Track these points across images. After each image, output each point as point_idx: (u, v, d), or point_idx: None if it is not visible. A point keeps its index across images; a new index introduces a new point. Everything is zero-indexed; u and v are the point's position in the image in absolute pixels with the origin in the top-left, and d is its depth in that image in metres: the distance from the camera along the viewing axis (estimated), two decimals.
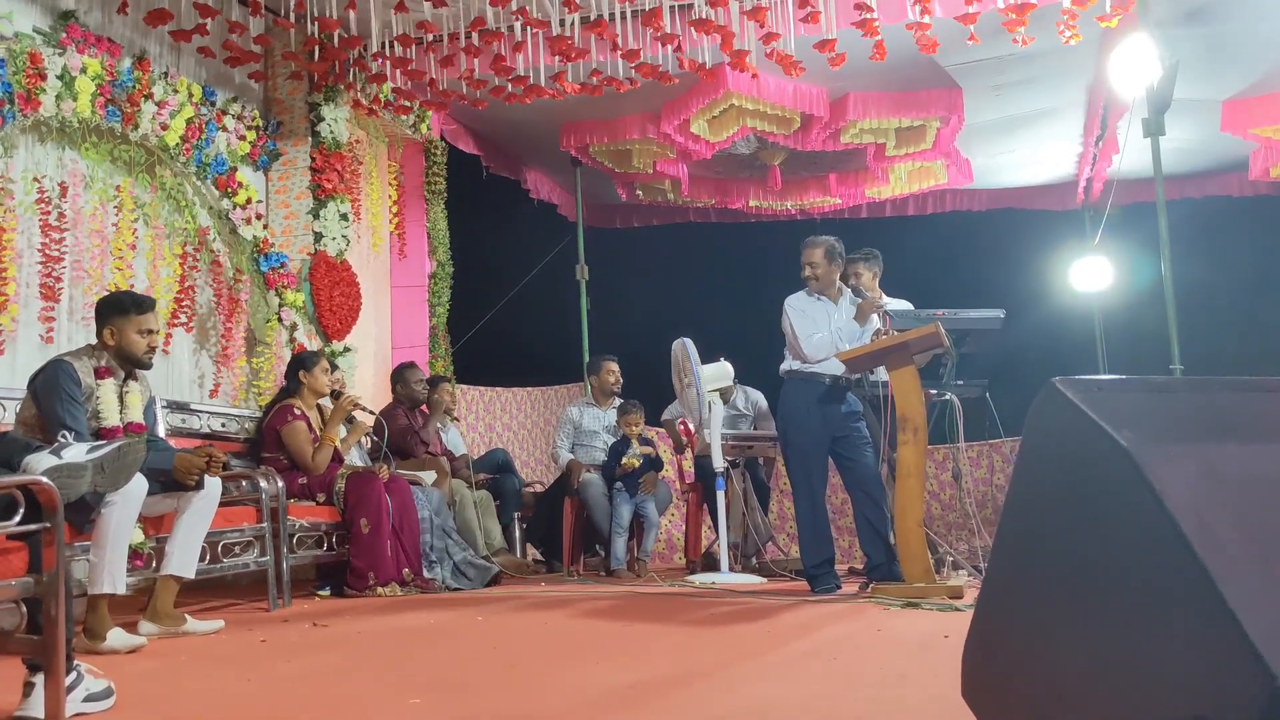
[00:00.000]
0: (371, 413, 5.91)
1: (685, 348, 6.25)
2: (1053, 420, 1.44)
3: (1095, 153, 8.84)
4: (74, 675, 2.42)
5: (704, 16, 5.89)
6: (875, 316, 5.29)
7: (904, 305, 5.89)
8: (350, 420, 5.67)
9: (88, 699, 2.46)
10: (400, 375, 6.77)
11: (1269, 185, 9.47)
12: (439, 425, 6.86)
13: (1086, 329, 10.17)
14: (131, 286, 5.53)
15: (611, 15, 6.03)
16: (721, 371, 6.27)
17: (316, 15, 5.83)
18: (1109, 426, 1.32)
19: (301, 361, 5.52)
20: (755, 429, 6.99)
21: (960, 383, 5.67)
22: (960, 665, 1.64)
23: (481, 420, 9.27)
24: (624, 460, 6.73)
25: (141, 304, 3.86)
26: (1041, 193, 10.43)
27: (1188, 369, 6.08)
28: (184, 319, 6.06)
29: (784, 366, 5.35)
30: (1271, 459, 1.32)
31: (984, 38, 6.16)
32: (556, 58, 6.23)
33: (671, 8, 6.08)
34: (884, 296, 5.72)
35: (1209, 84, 7.61)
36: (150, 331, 3.85)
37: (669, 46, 6.10)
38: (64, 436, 3.19)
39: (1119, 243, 9.35)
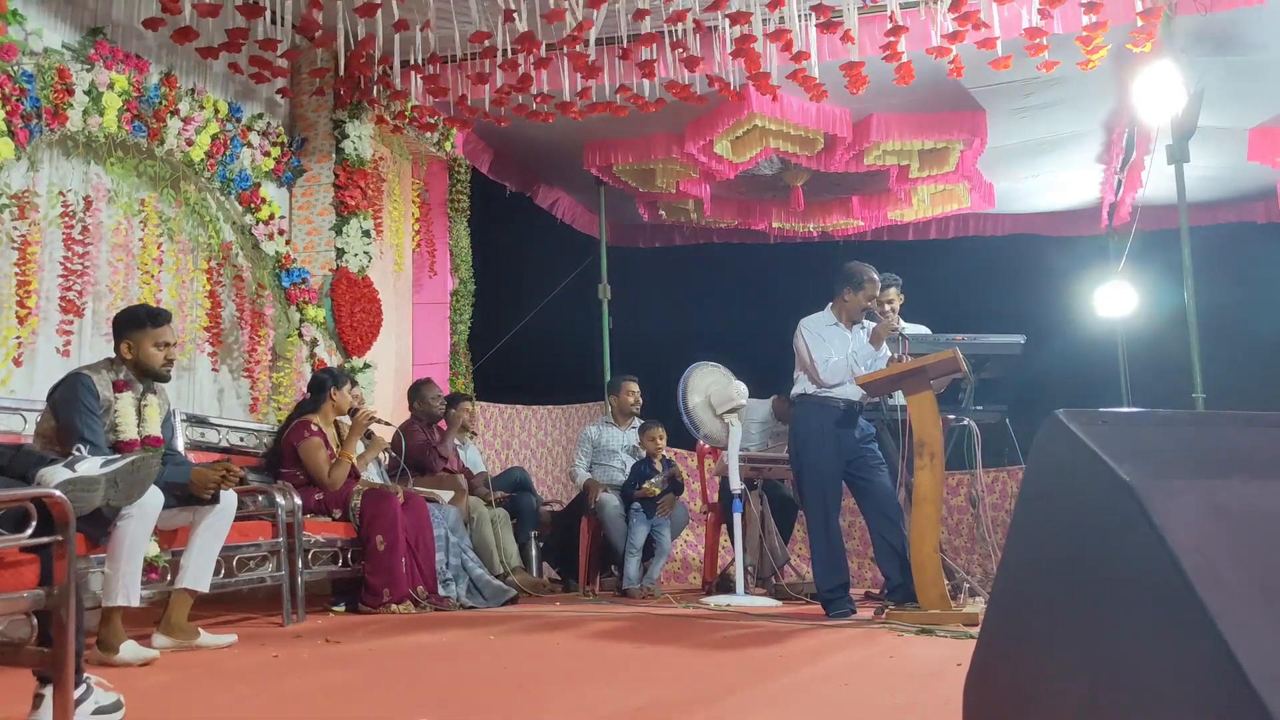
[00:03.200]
0: (389, 424, 5.92)
1: (681, 380, 6.31)
2: (1056, 452, 1.43)
3: (1120, 178, 8.80)
4: (84, 688, 2.43)
5: (733, 35, 5.90)
6: (887, 342, 5.27)
7: (921, 330, 5.87)
8: (368, 435, 5.70)
9: (97, 711, 2.47)
10: (417, 392, 6.79)
11: None
12: (457, 443, 6.87)
13: (1110, 355, 10.09)
14: (159, 302, 5.58)
15: (634, 35, 6.06)
16: (736, 391, 6.27)
17: (344, 45, 5.86)
18: (1111, 460, 1.31)
19: (334, 378, 5.54)
20: (771, 430, 7.02)
21: (979, 408, 5.64)
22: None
23: (499, 438, 9.28)
24: (645, 485, 6.72)
25: (157, 317, 3.89)
26: (1065, 218, 10.38)
27: (1210, 397, 6.03)
28: (216, 334, 6.12)
29: (796, 390, 5.33)
30: (1276, 495, 1.31)
31: (1009, 60, 6.14)
32: (578, 75, 6.25)
33: (698, 27, 6.09)
34: (900, 322, 5.70)
35: (1235, 111, 7.56)
36: (168, 344, 3.88)
37: (694, 69, 6.13)
38: (78, 450, 3.21)
39: (1143, 269, 9.28)
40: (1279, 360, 9.51)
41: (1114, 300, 9.52)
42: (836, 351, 5.19)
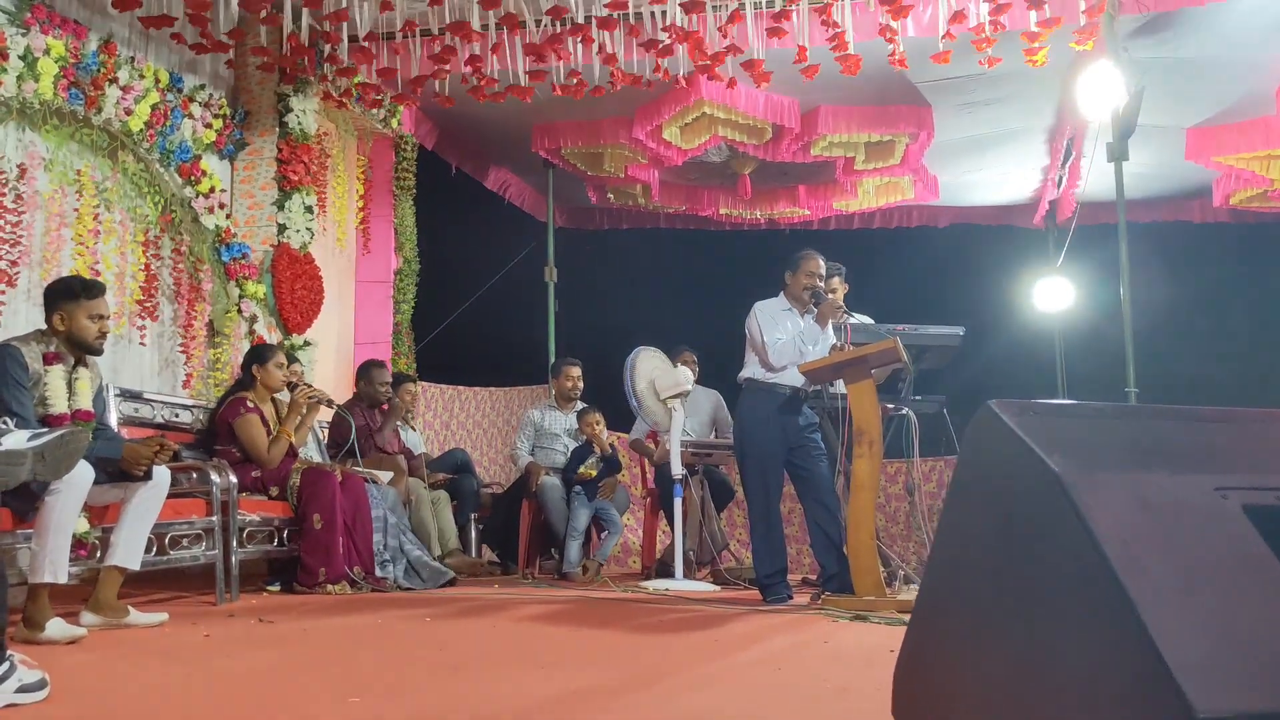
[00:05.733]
0: (331, 404, 5.83)
1: (628, 366, 6.29)
2: (987, 441, 1.45)
3: (1061, 175, 8.93)
4: (6, 665, 2.39)
5: (677, 24, 5.89)
6: (831, 329, 5.32)
7: (864, 320, 5.93)
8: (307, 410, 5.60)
9: (20, 689, 2.42)
10: (366, 373, 6.69)
11: (1230, 213, 9.60)
12: (398, 423, 6.81)
13: (1047, 349, 10.27)
14: (95, 273, 5.47)
15: (588, 18, 6.02)
16: (680, 378, 6.28)
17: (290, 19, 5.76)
18: (1041, 451, 1.33)
19: (257, 354, 5.47)
20: (715, 424, 7.04)
21: (918, 398, 5.70)
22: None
23: (439, 418, 9.22)
24: (580, 470, 6.71)
25: (91, 289, 3.81)
26: (1007, 212, 10.52)
27: (1143, 391, 6.15)
28: (151, 307, 6.01)
29: (744, 374, 5.35)
30: (1199, 488, 1.34)
31: (954, 56, 6.20)
32: (529, 58, 6.20)
33: (649, 13, 6.07)
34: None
35: (1174, 111, 7.70)
36: (101, 317, 3.81)
37: (645, 52, 6.11)
38: (5, 423, 3.14)
39: (1081, 264, 9.45)
40: (1211, 355, 9.74)
41: (1052, 294, 9.69)
42: (786, 334, 5.23)
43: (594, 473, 6.72)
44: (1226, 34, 6.54)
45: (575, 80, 6.45)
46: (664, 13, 5.99)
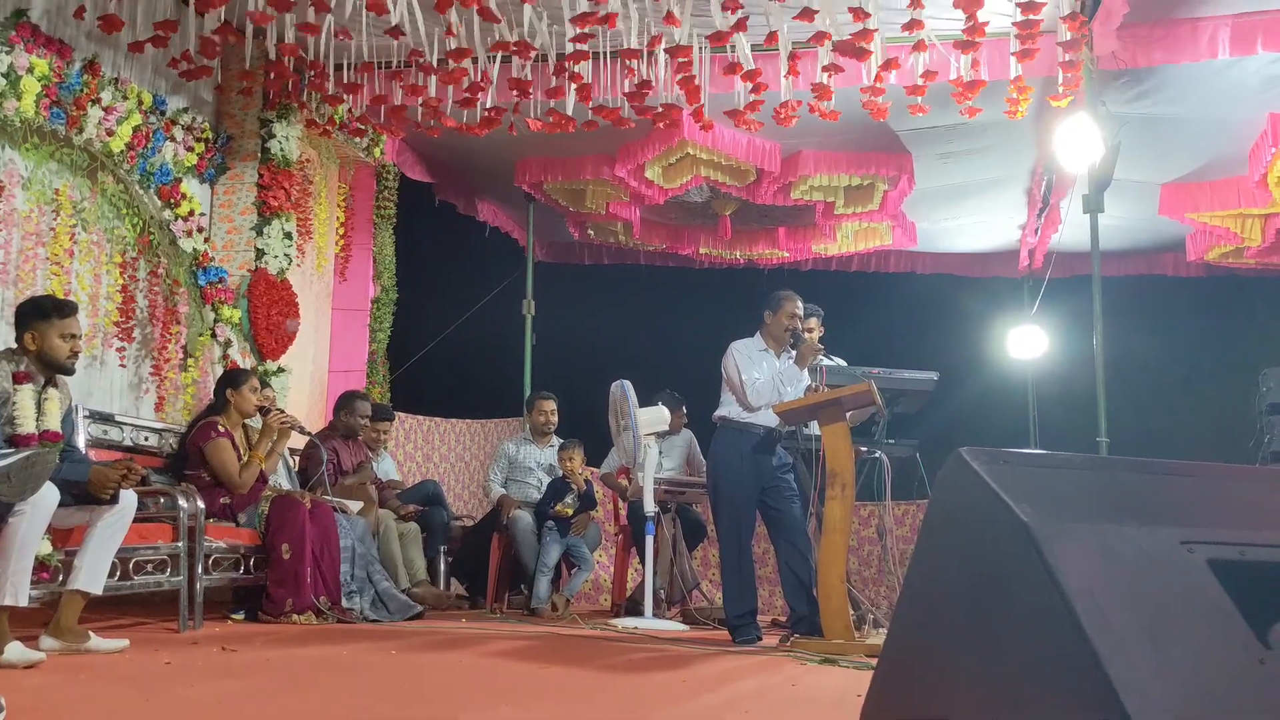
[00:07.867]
0: (303, 430, 5.79)
1: (624, 390, 6.25)
2: (958, 489, 1.45)
3: (1038, 225, 9.02)
4: None
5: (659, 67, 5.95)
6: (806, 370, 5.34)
7: (839, 362, 5.95)
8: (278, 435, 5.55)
9: None
10: (349, 403, 6.59)
11: (1203, 268, 9.71)
12: (370, 452, 6.76)
13: (1020, 396, 10.33)
14: (70, 293, 5.43)
15: (568, 54, 6.06)
16: (657, 416, 6.27)
17: (277, 41, 5.77)
18: (1010, 500, 1.33)
19: (231, 379, 5.44)
20: (688, 463, 7.05)
21: (891, 442, 5.72)
22: None
23: (420, 450, 9.17)
24: (557, 508, 6.67)
25: (64, 308, 3.79)
26: (983, 260, 10.61)
27: (1114, 442, 6.18)
28: (128, 330, 5.98)
29: (719, 413, 5.35)
30: (1166, 541, 1.34)
31: (934, 106, 6.27)
32: (514, 92, 6.23)
33: (624, 51, 6.11)
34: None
35: (1150, 167, 7.80)
36: (74, 336, 3.79)
37: (626, 93, 6.16)
38: None
39: (1056, 314, 9.53)
40: (1181, 407, 9.83)
41: (1026, 343, 9.77)
42: (764, 374, 5.24)
43: (570, 511, 6.68)
44: (1202, 94, 6.65)
45: (553, 118, 6.47)
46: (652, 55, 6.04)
